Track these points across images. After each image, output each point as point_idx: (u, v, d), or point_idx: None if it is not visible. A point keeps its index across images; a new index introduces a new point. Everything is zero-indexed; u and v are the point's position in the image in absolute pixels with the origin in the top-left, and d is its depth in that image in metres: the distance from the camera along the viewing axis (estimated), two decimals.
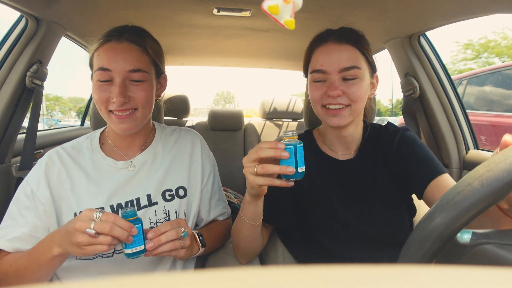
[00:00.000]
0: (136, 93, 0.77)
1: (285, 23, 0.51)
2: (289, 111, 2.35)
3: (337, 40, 0.77)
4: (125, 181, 0.82)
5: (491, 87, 3.32)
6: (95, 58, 0.77)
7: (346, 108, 0.77)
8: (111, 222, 0.61)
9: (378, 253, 0.82)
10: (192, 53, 2.11)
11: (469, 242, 0.40)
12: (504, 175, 0.34)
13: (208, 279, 0.16)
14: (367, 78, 0.79)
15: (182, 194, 0.87)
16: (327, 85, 0.77)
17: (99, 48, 0.76)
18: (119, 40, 0.76)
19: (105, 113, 0.78)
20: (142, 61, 0.78)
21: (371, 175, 0.84)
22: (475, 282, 0.15)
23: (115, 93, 0.74)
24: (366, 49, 0.78)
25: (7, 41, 1.16)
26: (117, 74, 0.75)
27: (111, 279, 0.16)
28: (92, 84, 0.79)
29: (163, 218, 0.83)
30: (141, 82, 0.78)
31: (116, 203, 0.79)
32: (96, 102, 0.78)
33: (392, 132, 0.86)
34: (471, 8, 0.98)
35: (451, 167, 1.41)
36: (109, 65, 0.74)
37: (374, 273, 0.16)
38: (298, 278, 0.16)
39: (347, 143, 0.86)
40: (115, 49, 0.75)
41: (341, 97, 0.76)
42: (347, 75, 0.76)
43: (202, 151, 0.94)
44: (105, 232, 0.61)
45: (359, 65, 0.76)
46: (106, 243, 0.61)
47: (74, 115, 29.47)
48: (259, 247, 0.86)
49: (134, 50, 0.77)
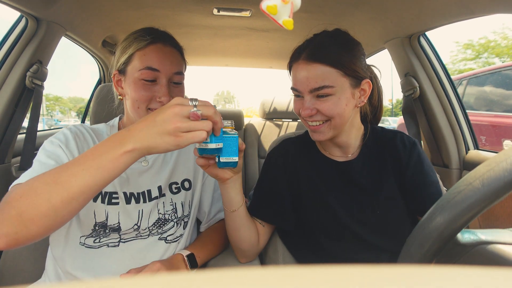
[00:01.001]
0: (176, 94, 0.81)
1: (283, 23, 0.51)
2: (289, 111, 2.35)
3: (306, 59, 0.75)
4: (138, 173, 0.84)
5: (491, 87, 3.32)
6: (139, 57, 0.78)
7: (325, 123, 0.78)
8: (214, 109, 0.58)
9: (379, 255, 0.81)
10: (192, 53, 2.11)
11: (469, 242, 0.40)
12: (505, 175, 0.34)
13: (208, 279, 0.16)
14: (346, 91, 0.75)
15: (188, 186, 0.90)
16: (302, 103, 0.78)
17: (144, 48, 0.78)
18: (165, 43, 0.80)
19: (143, 111, 0.79)
20: (182, 65, 0.84)
21: (373, 178, 0.83)
22: (475, 282, 0.15)
23: (162, 93, 0.77)
24: (347, 62, 0.74)
25: (7, 41, 1.16)
26: (165, 75, 0.78)
27: (111, 279, 0.16)
28: (131, 82, 0.78)
29: (170, 210, 0.85)
30: (179, 85, 0.83)
31: (129, 192, 0.81)
32: (135, 100, 0.78)
33: (409, 145, 0.84)
34: (471, 8, 0.97)
35: (451, 167, 1.41)
36: (158, 66, 0.77)
37: (374, 273, 0.16)
38: (298, 278, 0.16)
39: (342, 148, 0.86)
40: (163, 52, 0.79)
41: (316, 114, 0.77)
42: (319, 94, 0.75)
43: None
44: (210, 114, 0.56)
45: (331, 83, 0.73)
46: (208, 128, 0.55)
47: (74, 115, 29.47)
48: (247, 242, 0.84)
49: (176, 54, 0.83)
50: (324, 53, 0.74)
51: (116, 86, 0.85)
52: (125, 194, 0.80)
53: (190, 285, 0.15)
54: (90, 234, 0.77)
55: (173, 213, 0.86)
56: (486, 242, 0.40)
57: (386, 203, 0.81)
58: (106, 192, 0.79)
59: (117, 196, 0.79)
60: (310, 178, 0.86)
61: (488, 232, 0.41)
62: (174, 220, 0.86)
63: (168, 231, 0.85)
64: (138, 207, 0.81)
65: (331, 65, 0.73)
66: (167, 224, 0.85)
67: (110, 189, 0.79)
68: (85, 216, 0.77)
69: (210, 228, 0.96)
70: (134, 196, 0.81)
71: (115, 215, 0.78)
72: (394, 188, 0.82)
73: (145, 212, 0.82)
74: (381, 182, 0.83)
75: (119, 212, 0.79)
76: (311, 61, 0.74)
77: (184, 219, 0.89)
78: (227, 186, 0.75)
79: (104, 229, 0.78)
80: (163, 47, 0.80)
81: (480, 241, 0.40)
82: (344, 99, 0.75)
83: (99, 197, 0.78)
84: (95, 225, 0.77)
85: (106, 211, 0.78)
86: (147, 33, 0.80)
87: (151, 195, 0.83)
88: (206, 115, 0.56)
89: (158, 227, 0.83)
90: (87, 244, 0.77)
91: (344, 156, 0.87)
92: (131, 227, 0.80)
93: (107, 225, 0.78)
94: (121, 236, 0.80)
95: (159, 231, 0.84)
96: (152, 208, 0.83)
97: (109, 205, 0.78)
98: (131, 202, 0.80)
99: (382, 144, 0.86)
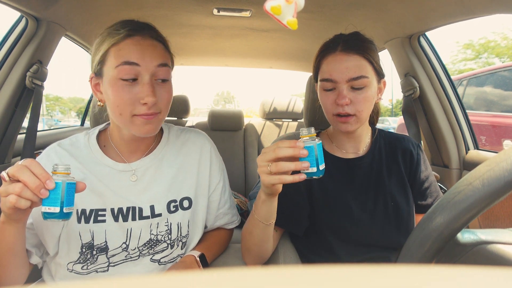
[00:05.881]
0: (162, 94, 0.71)
1: (287, 24, 0.51)
2: (289, 111, 2.35)
3: (345, 50, 0.79)
4: (126, 187, 0.76)
5: (491, 88, 3.32)
6: (114, 53, 0.68)
7: (352, 117, 0.80)
8: (24, 165, 0.54)
9: (387, 254, 0.85)
10: (192, 53, 2.11)
11: (469, 242, 0.40)
12: (505, 175, 0.34)
13: (208, 279, 0.16)
14: (374, 85, 0.81)
15: (187, 206, 0.81)
16: (336, 94, 0.80)
17: (119, 43, 0.68)
18: (143, 35, 0.70)
19: (127, 117, 0.69)
20: (166, 57, 0.74)
21: (383, 175, 0.87)
22: (475, 282, 0.15)
23: (145, 92, 0.67)
24: (373, 57, 0.80)
25: (7, 41, 1.16)
26: (146, 70, 0.68)
27: (111, 279, 0.16)
28: (109, 84, 0.69)
29: (164, 231, 0.78)
30: (165, 83, 0.73)
31: (118, 207, 0.74)
32: (116, 105, 0.68)
33: (414, 146, 0.92)
34: (471, 8, 0.97)
35: (451, 167, 1.41)
36: (137, 59, 0.67)
37: (374, 273, 0.16)
38: (298, 278, 0.16)
39: (356, 143, 0.89)
40: (142, 45, 0.69)
41: (349, 106, 0.79)
42: (355, 85, 0.78)
43: (211, 157, 0.87)
44: (12, 173, 0.54)
45: (366, 74, 0.78)
46: (14, 191, 0.53)
47: (74, 115, 29.45)
48: (270, 251, 0.84)
49: (158, 46, 0.72)
50: (361, 46, 0.79)
51: (94, 92, 0.74)
52: (113, 211, 0.74)
53: (191, 285, 0.15)
54: (78, 260, 0.73)
55: (166, 234, 0.78)
56: (486, 242, 0.40)
57: (398, 198, 0.85)
58: (92, 210, 0.73)
59: (104, 214, 0.74)
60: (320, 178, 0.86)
61: (488, 232, 0.41)
62: (167, 241, 0.79)
63: (161, 252, 0.79)
64: (126, 226, 0.75)
65: (367, 58, 0.78)
66: (159, 245, 0.78)
67: (98, 206, 0.73)
68: (70, 240, 0.72)
69: (213, 231, 0.93)
70: (122, 212, 0.74)
71: (102, 234, 0.73)
72: (405, 183, 0.87)
73: (134, 231, 0.75)
74: (391, 177, 0.86)
75: (106, 230, 0.73)
76: (350, 51, 0.78)
77: (182, 240, 0.81)
78: (274, 200, 0.71)
79: (91, 250, 0.73)
80: (142, 40, 0.69)
81: (480, 241, 0.40)
82: (373, 93, 0.80)
83: (82, 217, 0.73)
84: (81, 247, 0.72)
85: (92, 231, 0.73)
86: (122, 26, 0.70)
87: (142, 214, 0.76)
88: (11, 175, 0.54)
89: (149, 248, 0.77)
90: (75, 270, 0.73)
91: (354, 153, 0.90)
92: (119, 245, 0.74)
93: (94, 245, 0.73)
94: (110, 260, 0.74)
95: (150, 251, 0.77)
96: (143, 227, 0.76)
97: (95, 223, 0.73)
98: (118, 220, 0.74)
99: (393, 142, 0.91)
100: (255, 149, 2.14)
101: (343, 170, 0.87)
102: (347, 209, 0.84)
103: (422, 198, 0.88)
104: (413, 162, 0.89)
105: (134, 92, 0.68)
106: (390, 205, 0.84)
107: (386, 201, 0.84)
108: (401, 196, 0.85)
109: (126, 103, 0.67)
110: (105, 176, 0.76)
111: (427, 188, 0.89)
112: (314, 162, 0.60)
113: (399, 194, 0.86)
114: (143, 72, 0.68)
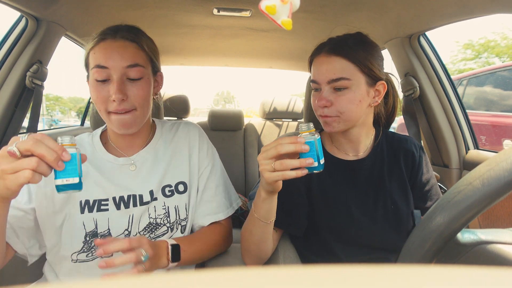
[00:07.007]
0: (134, 91, 0.76)
1: (282, 24, 0.51)
2: (289, 111, 2.35)
3: (327, 52, 0.80)
4: (128, 178, 0.82)
5: (491, 87, 3.32)
6: (91, 56, 0.76)
7: (334, 118, 0.81)
8: (37, 139, 0.53)
9: (387, 256, 0.84)
10: (192, 53, 2.11)
11: (469, 242, 0.40)
12: (505, 175, 0.34)
13: (208, 279, 0.16)
14: (361, 87, 0.79)
15: (182, 190, 0.86)
16: (319, 94, 0.81)
17: (94, 47, 0.76)
18: (115, 38, 0.76)
19: (104, 114, 0.77)
20: (139, 57, 0.77)
21: (384, 178, 0.86)
22: (475, 282, 0.15)
23: (113, 90, 0.73)
24: (363, 59, 0.78)
25: (7, 41, 1.16)
26: (115, 71, 0.74)
27: (110, 279, 0.16)
28: (89, 85, 0.78)
29: (162, 214, 0.82)
30: (138, 81, 0.77)
31: (119, 196, 0.79)
32: (95, 102, 0.77)
33: (416, 148, 0.91)
34: (471, 8, 0.97)
35: (451, 167, 1.41)
36: (105, 62, 0.73)
37: (374, 273, 0.16)
38: (298, 278, 0.16)
39: (354, 144, 0.88)
40: (111, 47, 0.75)
41: (329, 108, 0.79)
42: (336, 86, 0.78)
43: (199, 143, 0.92)
44: (28, 148, 0.52)
45: (348, 76, 0.77)
46: (30, 166, 0.51)
47: (74, 115, 29.45)
48: (269, 251, 0.84)
49: (129, 46, 0.77)
50: (344, 48, 0.79)
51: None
52: (115, 200, 0.79)
53: (190, 285, 0.15)
54: (82, 249, 0.76)
55: (165, 217, 0.82)
56: (486, 242, 0.40)
57: (398, 201, 0.85)
58: (96, 200, 0.78)
59: (107, 203, 0.78)
60: (320, 179, 0.86)
61: (488, 232, 0.41)
62: (167, 224, 0.83)
63: (161, 236, 0.82)
64: (128, 212, 0.79)
65: (349, 59, 0.78)
66: (159, 228, 0.82)
67: (101, 196, 0.78)
68: (73, 231, 0.76)
69: (202, 228, 0.90)
70: (123, 200, 0.79)
71: (105, 222, 0.77)
72: (406, 186, 0.87)
73: (136, 216, 0.80)
74: (392, 180, 0.86)
75: (109, 218, 0.78)
76: (331, 54, 0.79)
77: (181, 223, 0.85)
78: (274, 197, 0.71)
79: (95, 238, 0.76)
80: (112, 42, 0.75)
81: (480, 241, 0.40)
82: (359, 95, 0.79)
83: (86, 207, 0.77)
84: (85, 235, 0.76)
85: (95, 219, 0.77)
86: (103, 31, 0.77)
87: (142, 200, 0.81)
88: (23, 150, 0.52)
89: (150, 232, 0.81)
90: (80, 259, 0.76)
91: (355, 155, 0.89)
92: (121, 232, 0.79)
93: (97, 232, 0.77)
94: None
95: (151, 235, 0.81)
96: (143, 212, 0.80)
97: (98, 212, 0.77)
98: (120, 208, 0.79)
99: (395, 145, 0.90)
100: (255, 149, 2.14)
101: (344, 172, 0.87)
102: (346, 210, 0.83)
103: (422, 200, 0.88)
104: (415, 164, 0.88)
105: (106, 90, 0.74)
106: (390, 208, 0.84)
107: (386, 203, 0.84)
108: (402, 199, 0.85)
109: (101, 101, 0.75)
110: (107, 170, 0.82)
111: (428, 191, 0.88)
112: (315, 156, 0.61)
113: (400, 197, 0.85)
114: (112, 73, 0.74)
